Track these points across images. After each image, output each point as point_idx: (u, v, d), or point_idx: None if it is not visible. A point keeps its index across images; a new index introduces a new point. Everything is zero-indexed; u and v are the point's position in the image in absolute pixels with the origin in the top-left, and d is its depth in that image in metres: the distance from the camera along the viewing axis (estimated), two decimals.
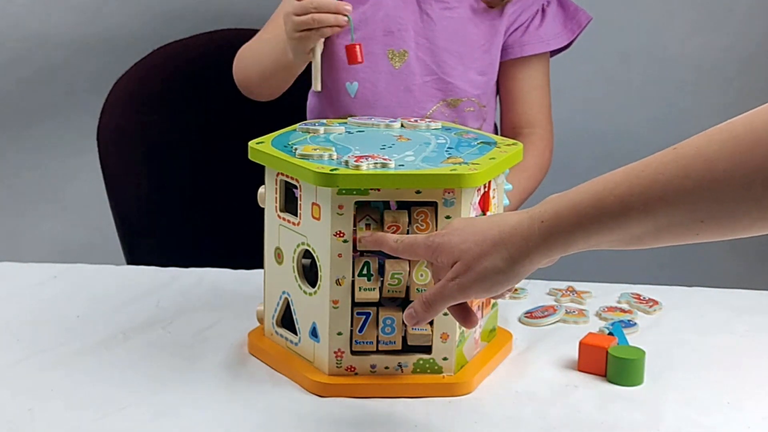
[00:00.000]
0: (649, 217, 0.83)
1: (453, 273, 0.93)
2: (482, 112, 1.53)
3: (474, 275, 0.91)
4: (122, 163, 1.77)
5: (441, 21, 1.49)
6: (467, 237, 0.93)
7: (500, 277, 0.91)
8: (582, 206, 0.86)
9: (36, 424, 1.00)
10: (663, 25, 2.04)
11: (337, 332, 1.07)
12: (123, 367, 1.13)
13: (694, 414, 1.05)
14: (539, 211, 0.89)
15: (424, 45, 1.49)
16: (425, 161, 1.07)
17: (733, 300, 1.35)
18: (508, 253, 0.90)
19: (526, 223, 0.89)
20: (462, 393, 1.08)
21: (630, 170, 0.85)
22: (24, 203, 2.14)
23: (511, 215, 0.92)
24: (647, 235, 0.85)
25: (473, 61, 1.51)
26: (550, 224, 0.88)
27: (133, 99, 1.78)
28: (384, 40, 1.49)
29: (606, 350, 1.12)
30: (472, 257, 0.91)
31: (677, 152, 0.83)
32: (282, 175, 1.09)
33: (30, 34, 2.00)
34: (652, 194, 0.82)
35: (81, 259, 1.47)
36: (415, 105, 1.49)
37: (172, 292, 1.33)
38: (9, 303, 1.29)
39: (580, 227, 0.86)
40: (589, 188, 0.87)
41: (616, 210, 0.84)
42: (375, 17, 1.50)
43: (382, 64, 1.49)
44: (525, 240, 0.89)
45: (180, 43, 1.84)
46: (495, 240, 0.91)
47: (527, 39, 1.54)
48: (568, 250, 0.88)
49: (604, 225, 0.85)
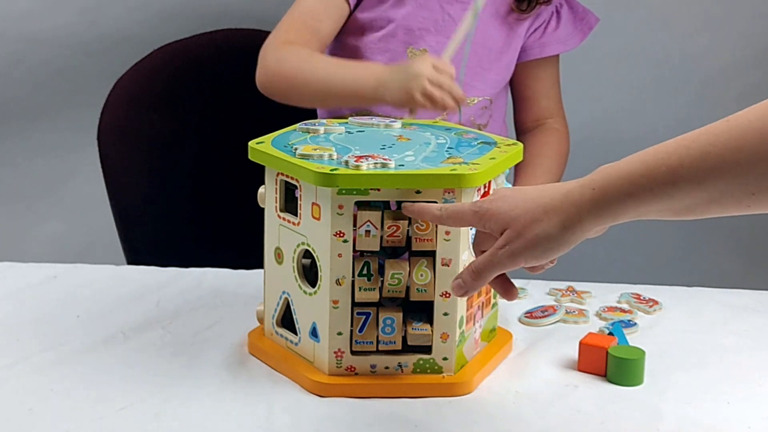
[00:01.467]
0: (699, 189, 0.83)
1: (503, 240, 0.93)
2: (493, 109, 1.56)
3: (525, 242, 0.91)
4: (123, 163, 1.77)
5: (461, 20, 1.50)
6: (517, 203, 0.93)
7: (552, 244, 0.91)
8: (633, 175, 0.87)
9: (36, 424, 1.00)
10: (663, 25, 2.04)
11: (337, 332, 1.07)
12: (123, 367, 1.13)
13: (694, 414, 1.05)
14: (590, 180, 0.90)
15: (444, 44, 1.50)
16: (425, 161, 1.07)
17: (733, 300, 1.35)
18: (559, 219, 0.90)
19: (577, 191, 0.90)
20: (462, 393, 1.08)
21: (681, 141, 0.85)
22: (24, 203, 2.14)
23: (562, 184, 0.93)
24: (697, 206, 0.85)
25: (491, 62, 1.54)
26: (601, 192, 0.88)
27: (133, 99, 1.78)
28: (404, 39, 1.51)
29: (606, 350, 1.12)
30: (522, 224, 0.91)
31: (729, 124, 0.83)
32: (282, 175, 1.09)
33: (30, 34, 2.00)
34: (703, 166, 0.83)
35: (81, 259, 1.47)
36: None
37: (172, 292, 1.33)
38: (9, 303, 1.29)
39: (630, 196, 0.87)
40: (641, 158, 0.87)
41: (667, 180, 0.85)
42: (396, 15, 1.51)
43: (402, 61, 1.49)
44: (577, 207, 0.89)
45: (180, 43, 1.84)
46: (546, 207, 0.91)
47: (546, 40, 1.59)
48: (618, 218, 0.89)
49: (655, 195, 0.86)
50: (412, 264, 1.06)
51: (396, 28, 1.51)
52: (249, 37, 1.77)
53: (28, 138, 2.09)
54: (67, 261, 1.43)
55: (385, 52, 1.51)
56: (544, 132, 1.64)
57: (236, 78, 1.83)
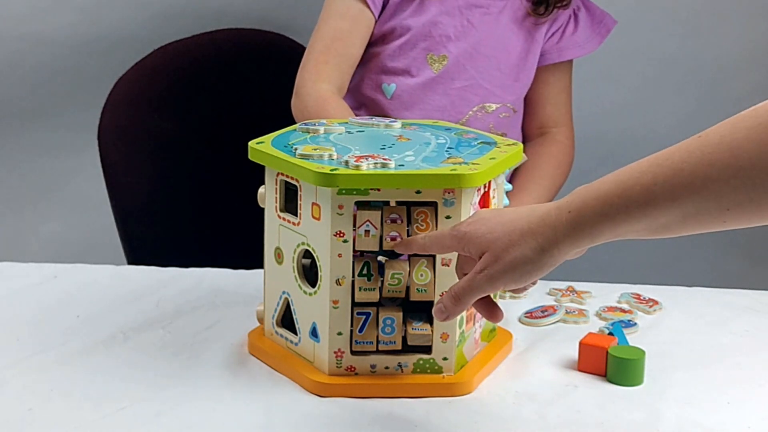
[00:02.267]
0: (675, 206, 0.83)
1: (481, 264, 0.93)
2: (515, 117, 1.56)
3: (503, 265, 0.92)
4: (123, 163, 1.77)
5: (481, 27, 1.51)
6: (494, 227, 0.93)
7: (529, 267, 0.91)
8: (608, 196, 0.87)
9: (36, 424, 1.00)
10: (664, 25, 2.04)
11: (337, 332, 1.07)
12: (123, 367, 1.13)
13: (694, 414, 1.04)
14: (566, 202, 0.90)
15: (464, 50, 1.50)
16: (425, 161, 1.07)
17: (733, 300, 1.35)
18: (536, 242, 0.90)
19: (553, 214, 0.90)
20: (462, 393, 1.08)
21: (654, 159, 0.85)
22: (24, 203, 2.14)
23: (539, 206, 0.93)
24: (674, 224, 0.85)
25: (511, 68, 1.54)
26: (577, 214, 0.88)
27: (133, 99, 1.78)
28: (425, 46, 1.51)
29: (606, 350, 1.12)
30: (500, 247, 0.92)
31: (701, 140, 0.83)
32: (282, 175, 1.09)
33: (30, 34, 2.00)
34: (677, 183, 0.83)
35: (81, 259, 1.47)
36: (452, 109, 1.51)
37: (172, 292, 1.33)
38: (9, 303, 1.29)
39: (606, 217, 0.87)
40: (615, 178, 0.87)
41: (642, 199, 0.85)
42: (417, 22, 1.51)
43: (421, 68, 1.51)
44: (553, 230, 0.89)
45: (180, 43, 1.84)
46: (523, 230, 0.91)
47: (564, 44, 1.58)
48: (595, 240, 0.89)
49: (631, 214, 0.86)
50: (412, 264, 1.06)
51: (416, 35, 1.51)
52: (249, 37, 1.78)
53: (28, 138, 2.09)
54: (67, 261, 1.43)
55: (405, 59, 1.51)
56: (546, 143, 1.61)
57: (237, 78, 1.83)
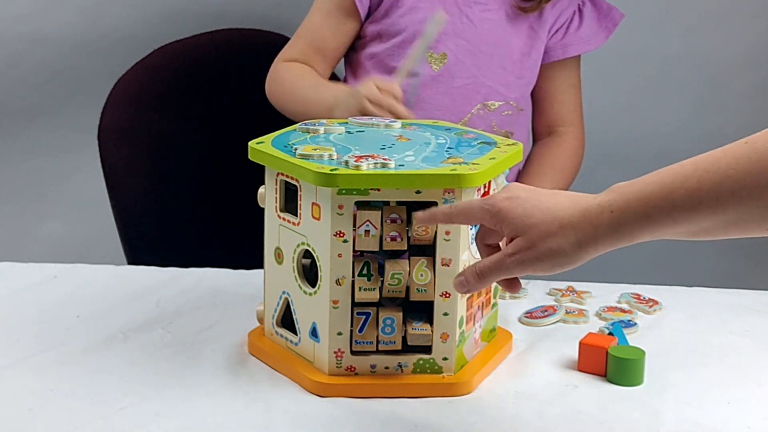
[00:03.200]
0: (719, 212, 0.83)
1: (514, 248, 0.92)
2: (524, 117, 1.54)
3: (536, 253, 0.91)
4: (123, 163, 1.77)
5: (481, 23, 1.50)
6: (531, 211, 0.92)
7: (563, 260, 0.90)
8: (652, 198, 0.86)
9: (36, 424, 1.00)
10: (664, 25, 2.04)
11: (337, 332, 1.07)
12: (123, 367, 1.13)
13: (694, 414, 1.05)
14: (608, 200, 0.89)
15: (464, 47, 1.49)
16: (425, 161, 1.07)
17: (732, 300, 1.35)
18: (575, 237, 0.89)
19: (595, 210, 0.89)
20: (462, 393, 1.08)
21: (700, 163, 0.85)
22: (24, 203, 2.14)
23: (579, 198, 0.91)
24: (715, 229, 0.85)
25: (512, 65, 1.52)
26: (619, 214, 0.87)
27: (133, 99, 1.79)
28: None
29: (606, 350, 1.12)
30: (537, 235, 0.90)
31: (749, 147, 0.83)
32: (282, 175, 1.09)
33: (30, 34, 2.00)
34: (723, 190, 0.82)
35: (81, 259, 1.47)
36: (454, 108, 1.50)
37: (172, 292, 1.33)
38: (9, 303, 1.29)
39: (649, 219, 0.86)
40: (659, 180, 0.87)
41: (686, 204, 0.84)
42: (414, 20, 1.50)
43: (421, 66, 1.49)
44: (594, 227, 0.88)
45: (180, 43, 1.84)
46: (563, 222, 0.90)
47: (569, 41, 1.56)
48: (634, 240, 0.88)
49: (674, 218, 0.85)
50: (412, 264, 1.06)
51: (414, 33, 1.49)
52: (249, 37, 1.78)
53: (28, 138, 2.09)
54: (67, 261, 1.43)
55: (404, 57, 1.50)
56: (554, 144, 1.59)
57: (236, 78, 1.83)
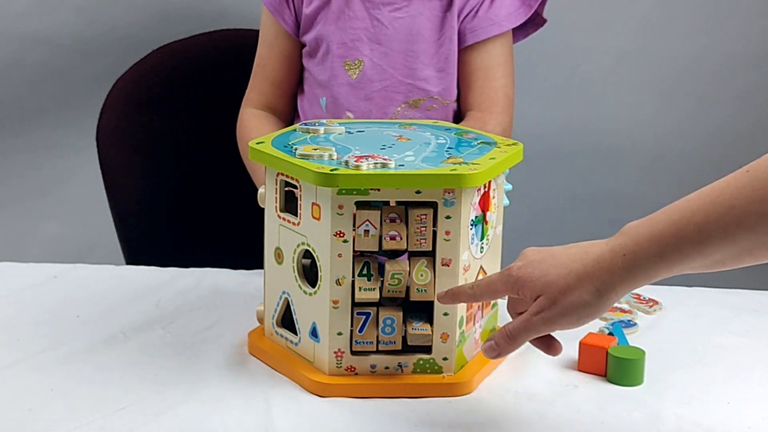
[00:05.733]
0: (729, 243, 0.84)
1: (537, 307, 0.93)
2: (451, 108, 1.52)
3: (560, 309, 0.92)
4: (122, 163, 1.77)
5: (392, 23, 1.49)
6: (548, 270, 0.93)
7: (587, 311, 0.92)
8: (662, 237, 0.87)
9: (36, 424, 1.00)
10: (663, 25, 2.04)
11: (337, 332, 1.07)
12: (123, 367, 1.13)
13: (694, 414, 1.04)
14: (619, 244, 0.90)
15: (378, 51, 1.49)
16: (425, 161, 1.07)
17: (732, 300, 1.35)
18: (594, 286, 0.90)
19: (607, 256, 0.90)
20: (462, 393, 1.08)
21: (705, 196, 0.86)
22: (24, 203, 2.14)
23: (590, 246, 0.93)
24: (729, 259, 0.86)
25: (429, 58, 1.50)
26: (632, 257, 0.89)
27: (132, 99, 1.78)
28: (339, 53, 1.50)
29: (606, 350, 1.12)
30: (557, 291, 0.92)
31: (750, 175, 0.84)
32: (282, 175, 1.09)
33: (29, 34, 2.00)
34: (729, 221, 0.83)
35: (81, 259, 1.47)
36: (377, 111, 1.50)
37: (172, 292, 1.33)
38: (9, 303, 1.29)
39: (661, 258, 0.87)
40: (667, 217, 0.88)
41: (696, 238, 0.85)
42: (328, 31, 1.50)
43: (340, 76, 1.50)
44: (609, 273, 0.90)
45: (180, 43, 1.84)
46: (579, 273, 0.91)
47: (477, 24, 1.50)
48: (651, 279, 0.89)
49: (686, 254, 0.86)
50: (412, 264, 1.06)
51: (331, 44, 1.50)
52: (249, 37, 1.77)
53: (28, 138, 2.09)
54: (67, 261, 1.43)
55: (326, 70, 1.50)
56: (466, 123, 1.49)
57: (235, 78, 1.83)
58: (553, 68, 2.01)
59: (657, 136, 2.08)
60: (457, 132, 1.22)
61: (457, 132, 1.22)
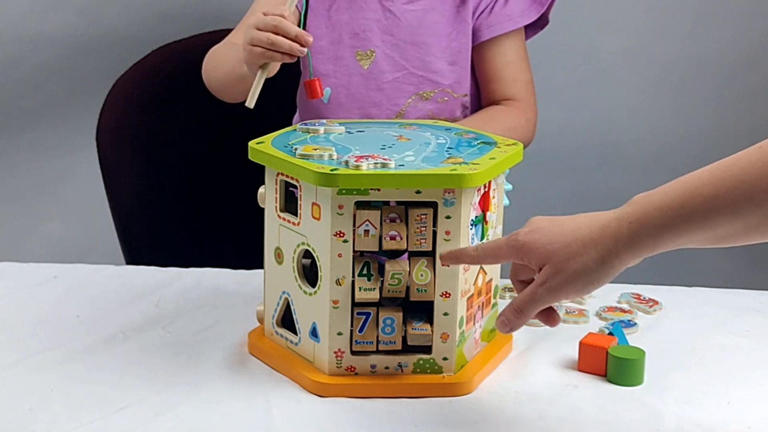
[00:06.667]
0: (737, 218, 0.84)
1: (543, 277, 0.94)
2: (460, 102, 1.53)
3: (565, 277, 0.92)
4: (122, 163, 1.77)
5: (404, 15, 1.50)
6: (553, 238, 0.93)
7: (592, 278, 0.91)
8: (670, 207, 0.87)
9: (36, 424, 1.00)
10: (663, 25, 2.04)
11: (337, 332, 1.07)
12: (123, 367, 1.13)
13: (694, 414, 1.04)
14: (627, 212, 0.90)
15: (390, 42, 1.50)
16: (425, 161, 1.07)
17: (733, 300, 1.35)
18: (598, 253, 0.90)
19: (614, 224, 0.90)
20: (462, 393, 1.08)
21: (715, 170, 0.86)
22: (24, 203, 2.14)
23: (597, 216, 0.93)
24: (735, 235, 0.86)
25: (441, 51, 1.51)
26: (638, 225, 0.89)
27: (132, 99, 1.78)
28: (351, 43, 1.50)
29: (606, 350, 1.12)
30: (561, 259, 0.92)
31: (763, 151, 0.83)
32: (282, 175, 1.09)
33: (30, 34, 2.00)
34: (738, 195, 0.83)
35: (81, 259, 1.47)
36: (387, 102, 1.50)
37: (172, 292, 1.33)
38: (9, 303, 1.29)
39: (668, 228, 0.87)
40: (675, 188, 0.88)
41: (703, 211, 0.85)
42: (339, 21, 1.51)
43: (351, 66, 1.50)
44: (614, 240, 0.90)
45: (180, 43, 1.84)
46: (584, 240, 0.91)
47: (494, 20, 1.53)
48: (656, 249, 0.89)
49: (692, 225, 0.86)
50: (412, 264, 1.06)
51: (341, 34, 1.50)
52: None
53: (28, 138, 2.09)
54: (67, 261, 1.43)
55: (335, 59, 1.50)
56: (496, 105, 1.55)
57: None
58: (553, 68, 2.01)
59: (657, 136, 2.08)
60: (457, 132, 1.22)
61: (457, 132, 1.22)
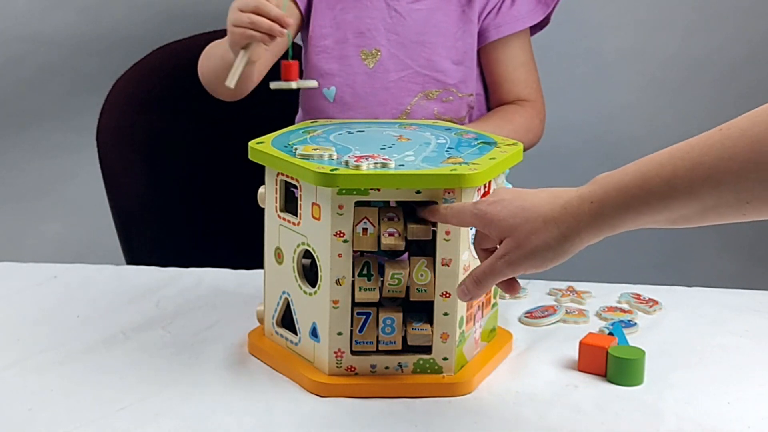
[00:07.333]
0: (694, 199, 0.84)
1: (503, 250, 0.95)
2: (466, 101, 1.53)
3: (524, 252, 0.93)
4: (122, 163, 1.77)
5: (410, 15, 1.50)
6: (516, 211, 0.94)
7: (550, 254, 0.92)
8: (629, 187, 0.88)
9: (36, 424, 1.00)
10: (663, 25, 2.04)
11: (337, 332, 1.07)
12: (123, 367, 1.13)
13: (694, 414, 1.05)
14: (588, 191, 0.91)
15: (395, 41, 1.50)
16: (425, 161, 1.07)
17: (732, 300, 1.35)
18: (558, 231, 0.91)
19: (575, 203, 0.91)
20: (462, 393, 1.08)
21: (675, 151, 0.86)
22: (24, 203, 2.14)
23: (560, 192, 0.94)
24: (694, 215, 0.86)
25: (446, 51, 1.51)
26: (599, 205, 0.89)
27: (132, 99, 1.78)
28: (356, 42, 1.50)
29: (606, 350, 1.12)
30: (522, 234, 0.93)
31: (722, 134, 0.84)
32: (282, 175, 1.09)
33: (30, 34, 2.00)
34: (697, 176, 0.84)
35: (81, 259, 1.47)
36: (393, 101, 1.50)
37: (172, 292, 1.33)
38: (9, 303, 1.29)
39: (627, 208, 0.88)
40: (636, 169, 0.88)
41: (662, 191, 0.86)
42: (345, 20, 1.51)
43: (356, 65, 1.50)
44: (575, 219, 0.91)
45: (180, 43, 1.84)
46: (546, 217, 0.92)
47: (501, 20, 1.54)
48: (616, 229, 0.90)
49: (651, 206, 0.87)
50: (412, 264, 1.06)
51: (346, 33, 1.50)
52: None
53: (28, 138, 2.09)
54: (67, 261, 1.43)
55: (340, 58, 1.50)
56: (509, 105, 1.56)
57: None
58: (553, 68, 2.00)
59: (657, 136, 2.08)
60: (457, 132, 1.22)
61: (457, 132, 1.22)
